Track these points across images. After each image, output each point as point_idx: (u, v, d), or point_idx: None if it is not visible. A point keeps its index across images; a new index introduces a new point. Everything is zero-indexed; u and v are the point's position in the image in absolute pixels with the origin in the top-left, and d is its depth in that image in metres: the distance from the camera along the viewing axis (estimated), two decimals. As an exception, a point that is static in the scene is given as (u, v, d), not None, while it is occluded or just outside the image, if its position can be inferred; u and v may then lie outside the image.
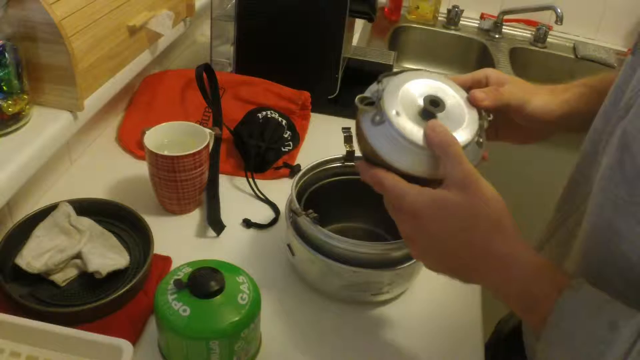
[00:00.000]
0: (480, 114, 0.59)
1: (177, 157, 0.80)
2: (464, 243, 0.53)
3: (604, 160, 0.56)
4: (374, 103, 0.56)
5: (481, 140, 0.58)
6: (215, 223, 0.85)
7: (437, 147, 0.53)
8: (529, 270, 0.51)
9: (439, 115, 0.55)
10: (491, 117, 0.60)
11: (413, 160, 0.54)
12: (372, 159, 0.56)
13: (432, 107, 0.55)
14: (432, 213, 0.53)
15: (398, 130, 0.54)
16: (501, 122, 0.66)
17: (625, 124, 0.54)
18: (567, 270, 0.61)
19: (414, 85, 0.57)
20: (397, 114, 0.54)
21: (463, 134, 0.55)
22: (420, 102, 0.56)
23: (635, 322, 0.45)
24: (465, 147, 0.55)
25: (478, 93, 0.61)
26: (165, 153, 0.81)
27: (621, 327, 0.45)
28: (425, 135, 0.54)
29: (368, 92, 0.58)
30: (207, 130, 0.86)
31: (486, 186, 0.53)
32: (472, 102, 0.60)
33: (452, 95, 0.58)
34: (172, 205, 0.86)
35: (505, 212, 0.53)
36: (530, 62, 1.85)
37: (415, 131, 0.54)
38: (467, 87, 0.63)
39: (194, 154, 0.81)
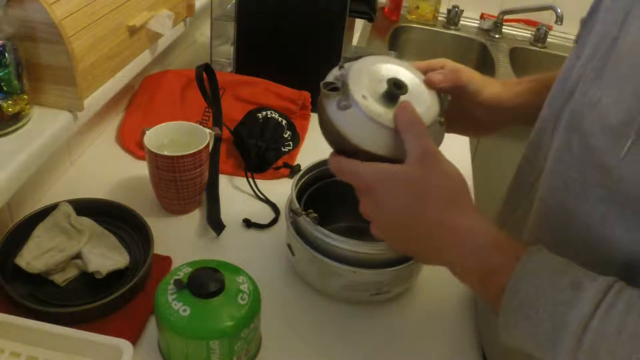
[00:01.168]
0: (439, 95, 0.60)
1: (177, 157, 0.80)
2: (417, 214, 0.53)
3: (553, 144, 0.57)
4: (338, 88, 0.56)
5: (442, 120, 0.59)
6: (215, 223, 0.85)
7: (402, 125, 0.54)
8: (486, 242, 0.51)
9: (403, 97, 0.56)
10: (450, 98, 0.61)
11: (383, 141, 0.54)
12: (339, 144, 0.56)
13: (396, 90, 0.56)
14: (387, 187, 0.53)
15: (367, 113, 0.54)
16: (454, 113, 0.67)
17: (572, 105, 0.54)
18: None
19: (376, 69, 0.58)
20: (364, 97, 0.55)
21: (426, 115, 0.57)
22: (384, 85, 0.56)
23: (598, 284, 0.44)
24: (429, 127, 0.56)
25: (435, 75, 0.62)
26: (165, 153, 0.81)
27: (585, 287, 0.44)
28: (395, 115, 0.55)
29: (330, 77, 0.59)
30: (207, 130, 0.86)
31: (446, 162, 0.54)
32: (429, 84, 0.61)
33: (412, 78, 0.59)
34: (172, 205, 0.86)
35: (464, 187, 0.53)
36: (530, 62, 1.85)
37: (383, 113, 0.55)
38: (424, 72, 0.65)
39: (194, 154, 0.81)
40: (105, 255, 0.73)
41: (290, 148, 1.01)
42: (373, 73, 0.58)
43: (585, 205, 0.52)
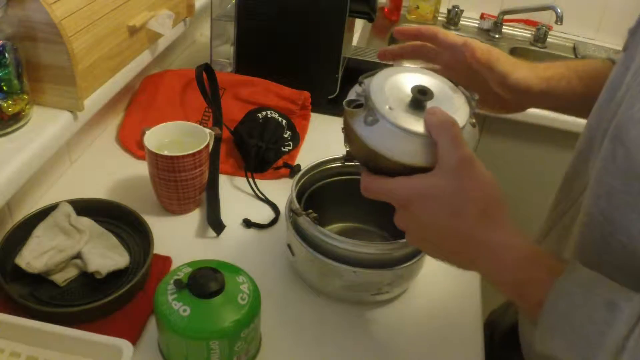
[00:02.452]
0: (466, 96, 0.59)
1: (177, 157, 0.80)
2: (453, 230, 0.52)
3: (599, 154, 0.57)
4: (362, 105, 0.55)
5: (474, 121, 0.58)
6: (215, 223, 0.85)
7: (434, 129, 0.52)
8: (522, 258, 0.51)
9: (429, 103, 0.55)
10: (477, 97, 0.59)
11: (416, 150, 0.53)
12: (372, 161, 0.55)
13: (421, 96, 0.54)
14: (421, 201, 0.52)
15: (395, 123, 0.53)
16: (480, 92, 0.65)
17: (618, 116, 0.54)
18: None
19: (397, 79, 0.57)
20: (390, 108, 0.54)
21: (457, 117, 0.55)
22: (408, 94, 0.55)
23: (635, 303, 0.45)
24: (462, 129, 0.54)
25: (468, 50, 0.64)
26: (165, 153, 0.81)
27: (620, 308, 0.45)
28: (425, 121, 0.53)
29: (352, 95, 0.57)
30: (207, 130, 0.86)
31: (481, 171, 0.52)
32: (466, 53, 0.62)
33: (436, 83, 0.58)
34: (172, 205, 0.86)
35: (498, 198, 0.52)
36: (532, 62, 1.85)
37: (413, 121, 0.53)
38: (413, 37, 0.69)
39: (194, 154, 0.81)
40: (105, 255, 0.73)
41: (290, 148, 1.01)
42: (395, 84, 0.56)
43: (627, 216, 0.52)
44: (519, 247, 0.51)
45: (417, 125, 0.53)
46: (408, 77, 0.57)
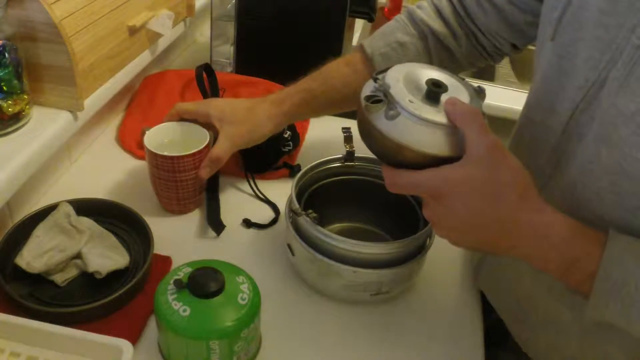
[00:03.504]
0: (475, 89, 0.59)
1: (177, 157, 0.80)
2: (493, 216, 0.52)
3: (577, 155, 0.58)
4: (381, 100, 0.55)
5: (484, 112, 0.58)
6: (215, 223, 0.85)
7: (459, 119, 0.53)
8: (565, 234, 0.52)
9: (443, 95, 0.55)
10: (485, 89, 0.60)
11: (441, 140, 0.53)
12: (397, 156, 0.55)
13: (436, 89, 0.55)
14: (456, 192, 0.52)
15: (418, 115, 0.53)
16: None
17: (600, 115, 0.54)
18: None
19: (411, 74, 0.58)
20: (411, 101, 0.54)
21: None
22: (423, 87, 0.56)
23: None
24: None
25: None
26: (165, 153, 0.81)
27: None
28: (447, 112, 0.53)
29: (367, 91, 0.58)
30: (208, 131, 0.86)
31: (510, 155, 0.53)
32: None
33: (445, 77, 0.59)
34: (172, 205, 0.86)
35: (530, 180, 0.53)
36: (530, 62, 1.84)
37: (433, 111, 0.54)
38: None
39: (193, 154, 0.81)
40: (105, 255, 0.73)
41: (290, 148, 1.01)
42: (409, 78, 0.57)
43: (622, 215, 0.54)
44: (563, 225, 0.52)
45: (439, 116, 0.54)
46: (421, 72, 0.58)
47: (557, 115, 0.60)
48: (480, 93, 0.59)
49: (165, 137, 0.86)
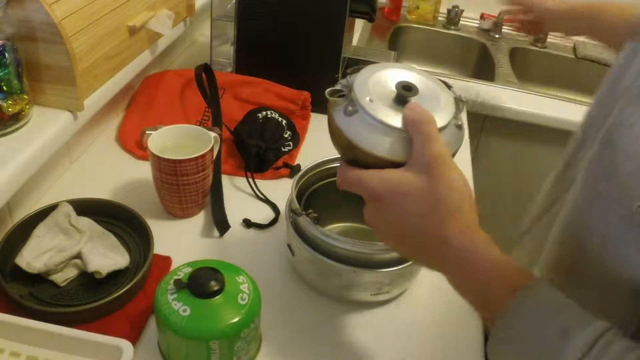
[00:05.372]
0: (455, 98, 0.58)
1: (180, 160, 0.80)
2: (420, 229, 0.50)
3: (587, 155, 0.57)
4: (345, 95, 0.55)
5: (460, 123, 0.57)
6: (220, 223, 0.85)
7: (410, 124, 0.51)
8: (485, 267, 0.49)
9: (413, 99, 0.54)
10: (465, 100, 0.59)
11: (392, 144, 0.52)
12: (348, 153, 0.55)
13: (405, 92, 0.54)
14: (391, 197, 0.51)
15: (373, 115, 0.52)
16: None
17: (611, 118, 0.54)
18: (542, 261, 0.60)
19: (384, 75, 0.57)
20: (371, 100, 0.54)
21: (441, 116, 0.54)
22: (393, 89, 0.55)
23: (587, 333, 0.43)
24: (443, 128, 0.53)
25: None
26: (168, 156, 0.80)
27: (572, 337, 0.43)
28: (403, 116, 0.52)
29: (338, 86, 0.57)
30: (212, 134, 0.85)
31: (454, 171, 0.50)
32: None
33: (423, 81, 0.57)
34: (175, 208, 0.86)
35: (468, 201, 0.51)
36: (530, 62, 1.85)
37: (391, 114, 0.53)
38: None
39: (197, 158, 0.80)
40: (105, 255, 0.73)
41: (290, 148, 1.01)
42: (382, 78, 0.56)
43: (606, 221, 0.51)
44: (485, 255, 0.49)
45: (395, 120, 0.53)
46: (396, 74, 0.57)
47: None
48: (459, 102, 0.58)
49: (169, 140, 0.85)
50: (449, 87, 0.59)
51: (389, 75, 0.57)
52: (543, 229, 0.65)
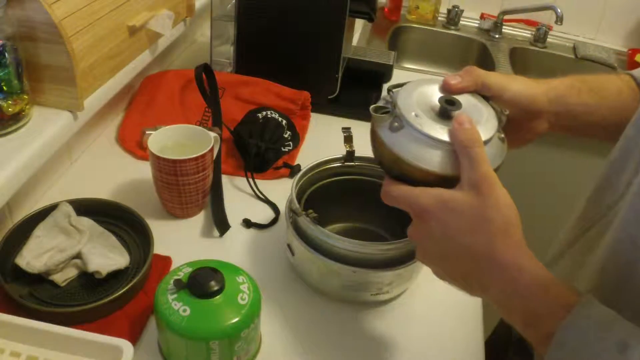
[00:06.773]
0: (496, 110, 0.58)
1: (180, 160, 0.79)
2: (467, 247, 0.50)
3: (638, 175, 0.55)
4: (389, 111, 0.55)
5: (502, 136, 0.57)
6: (220, 223, 0.85)
7: (459, 143, 0.51)
8: (534, 285, 0.49)
9: (456, 113, 0.55)
10: (507, 112, 0.59)
11: (439, 157, 0.53)
12: (396, 168, 0.55)
13: (449, 106, 0.55)
14: (440, 214, 0.51)
15: (420, 129, 0.53)
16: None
17: None
18: (579, 286, 0.60)
19: (426, 89, 0.58)
20: (416, 115, 0.54)
21: (485, 130, 0.54)
22: (436, 104, 0.56)
23: None
24: (487, 141, 0.54)
25: (450, 78, 0.58)
26: (168, 156, 0.80)
27: (631, 349, 0.43)
28: (451, 130, 0.52)
29: (381, 103, 0.58)
30: (213, 134, 0.85)
31: (501, 191, 0.51)
32: (445, 89, 0.58)
33: (465, 95, 0.58)
34: (175, 209, 0.86)
35: (515, 220, 0.51)
36: (530, 62, 1.85)
37: (438, 128, 0.53)
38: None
39: (196, 158, 0.80)
40: (105, 255, 0.73)
41: (290, 148, 1.01)
42: (424, 93, 0.57)
43: None
44: (534, 274, 0.49)
45: (442, 134, 0.53)
46: (438, 89, 0.58)
47: None
48: (502, 115, 0.58)
49: (169, 140, 0.85)
50: (487, 100, 0.59)
51: (431, 90, 0.58)
52: (578, 255, 0.63)
